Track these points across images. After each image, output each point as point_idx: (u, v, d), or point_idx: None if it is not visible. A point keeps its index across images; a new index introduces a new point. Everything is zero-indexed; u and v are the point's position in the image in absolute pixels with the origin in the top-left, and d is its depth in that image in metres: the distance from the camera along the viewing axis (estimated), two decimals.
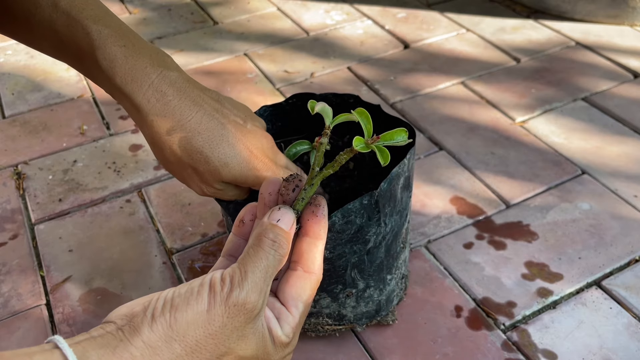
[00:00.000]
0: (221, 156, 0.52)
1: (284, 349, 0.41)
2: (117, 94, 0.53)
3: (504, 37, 1.28)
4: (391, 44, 1.28)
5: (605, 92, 1.10)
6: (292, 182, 0.43)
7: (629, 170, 0.93)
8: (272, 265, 0.39)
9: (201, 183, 0.54)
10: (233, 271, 0.38)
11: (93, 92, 1.17)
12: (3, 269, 0.82)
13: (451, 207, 0.88)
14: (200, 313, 0.36)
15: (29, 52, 1.30)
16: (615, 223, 0.84)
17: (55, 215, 0.90)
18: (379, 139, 0.42)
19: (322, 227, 0.42)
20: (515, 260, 0.80)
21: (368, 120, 0.43)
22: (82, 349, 0.34)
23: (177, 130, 0.51)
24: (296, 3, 1.46)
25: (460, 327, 0.72)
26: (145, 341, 0.35)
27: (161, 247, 0.84)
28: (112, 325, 0.36)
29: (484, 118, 1.05)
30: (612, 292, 0.75)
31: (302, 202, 0.43)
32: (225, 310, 0.37)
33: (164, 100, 0.51)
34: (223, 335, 0.37)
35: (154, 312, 0.36)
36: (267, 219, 0.41)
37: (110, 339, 0.35)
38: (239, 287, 0.37)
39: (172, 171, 0.55)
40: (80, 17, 0.50)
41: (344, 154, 0.42)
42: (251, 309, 0.37)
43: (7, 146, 1.04)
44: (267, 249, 0.39)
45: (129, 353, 0.34)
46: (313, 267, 0.42)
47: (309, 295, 0.42)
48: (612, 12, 1.29)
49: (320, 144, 0.44)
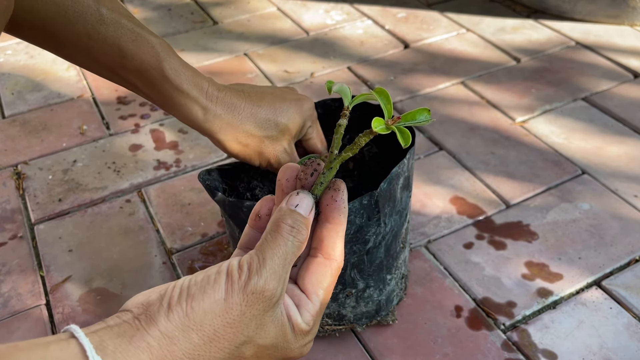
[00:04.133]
0: (283, 112, 0.62)
1: (304, 337, 0.40)
2: (179, 101, 0.58)
3: (504, 37, 1.28)
4: (391, 44, 1.28)
5: (605, 92, 1.10)
6: (310, 167, 0.42)
7: (629, 170, 0.93)
8: (291, 252, 0.38)
9: (276, 147, 0.62)
10: (251, 258, 0.37)
11: (93, 92, 1.17)
12: (3, 269, 0.82)
13: (451, 207, 0.88)
14: (218, 301, 0.36)
15: (29, 52, 1.30)
16: (616, 223, 0.84)
17: (55, 215, 0.90)
18: (400, 119, 0.40)
19: (342, 213, 0.41)
20: (515, 260, 0.80)
21: (388, 100, 0.40)
22: (98, 338, 0.33)
23: (242, 114, 0.60)
24: (296, 3, 1.45)
25: (460, 327, 0.72)
26: (162, 331, 0.35)
27: (161, 247, 0.84)
28: (129, 314, 0.36)
29: (484, 118, 1.05)
30: (612, 292, 0.75)
31: (321, 186, 0.41)
32: (244, 299, 0.36)
33: (220, 96, 0.60)
34: (242, 323, 0.36)
35: (170, 301, 0.36)
36: (285, 204, 0.40)
37: (126, 328, 0.35)
38: (257, 274, 0.36)
39: (247, 153, 0.62)
40: (144, 33, 0.56)
41: (363, 136, 0.41)
42: (270, 296, 0.37)
43: (7, 146, 1.04)
44: (285, 235, 0.38)
45: (146, 343, 0.34)
46: (334, 254, 0.41)
47: (330, 283, 0.41)
48: (612, 12, 1.29)
49: (339, 125, 0.42)
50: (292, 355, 0.40)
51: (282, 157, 0.62)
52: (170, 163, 0.99)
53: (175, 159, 0.99)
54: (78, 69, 1.24)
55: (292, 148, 0.64)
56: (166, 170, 0.97)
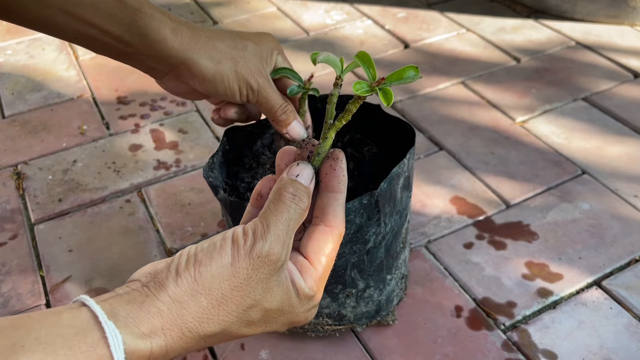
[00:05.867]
0: (247, 37, 0.61)
1: (308, 302, 0.41)
2: (144, 23, 0.55)
3: (504, 37, 1.28)
4: (391, 43, 1.28)
5: (606, 92, 1.10)
6: (305, 149, 0.44)
7: (629, 170, 0.93)
8: (294, 219, 0.39)
9: (251, 67, 0.60)
10: (255, 225, 0.38)
11: (93, 92, 1.17)
12: (3, 269, 0.82)
13: (451, 207, 0.88)
14: (225, 266, 0.37)
15: (29, 51, 1.30)
16: (616, 223, 0.84)
17: (55, 215, 0.90)
18: (385, 80, 0.40)
19: (341, 181, 0.42)
20: (515, 260, 0.80)
21: (370, 63, 0.41)
22: (109, 306, 0.34)
23: (209, 35, 0.58)
24: (296, 3, 1.45)
25: (460, 327, 0.72)
26: (171, 295, 0.36)
27: (161, 247, 0.84)
28: (137, 282, 0.37)
29: (484, 118, 1.05)
30: (612, 292, 0.75)
31: (319, 157, 0.42)
32: (250, 263, 0.37)
33: (183, 21, 0.58)
34: (248, 287, 0.37)
35: (178, 267, 0.37)
36: (286, 174, 0.41)
37: (136, 295, 0.36)
38: (262, 239, 0.37)
39: (224, 73, 0.59)
40: None
41: (353, 103, 0.41)
42: (275, 260, 0.38)
43: (7, 146, 1.04)
44: (287, 202, 0.40)
45: (156, 307, 0.35)
46: (335, 221, 0.42)
47: (332, 249, 0.42)
48: (612, 12, 1.29)
49: (331, 95, 0.43)
50: (297, 319, 0.42)
51: (260, 81, 0.59)
52: (170, 163, 0.99)
53: (175, 159, 0.99)
54: (78, 69, 1.24)
55: (268, 74, 0.61)
56: (166, 170, 0.97)
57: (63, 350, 0.32)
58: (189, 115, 1.09)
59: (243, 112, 0.64)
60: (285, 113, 0.61)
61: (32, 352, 0.31)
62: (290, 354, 0.70)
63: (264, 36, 0.62)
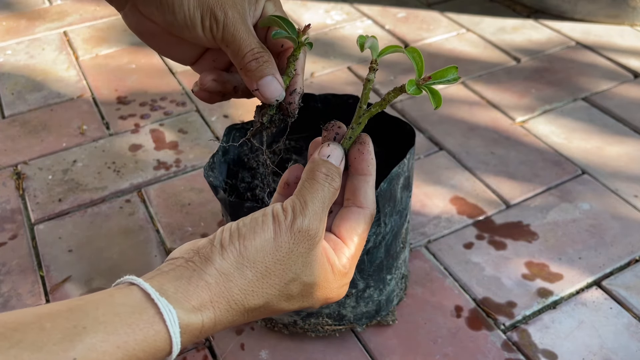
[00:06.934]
0: None
1: (342, 279, 0.43)
2: None
3: (504, 37, 1.28)
4: (391, 43, 1.28)
5: (606, 92, 1.10)
6: (331, 130, 0.45)
7: (629, 170, 0.93)
8: (328, 197, 0.41)
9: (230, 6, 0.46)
10: (293, 202, 0.40)
11: (93, 92, 1.17)
12: (3, 269, 0.82)
13: (451, 207, 0.88)
14: (268, 240, 0.38)
15: (29, 52, 1.30)
16: (616, 223, 0.84)
17: (54, 215, 0.90)
18: (431, 78, 0.42)
19: (370, 164, 0.44)
20: (515, 260, 0.80)
21: (420, 59, 0.42)
22: (158, 283, 0.35)
23: None
24: (296, 3, 1.45)
25: (460, 327, 0.72)
26: (217, 269, 0.37)
27: (161, 247, 0.84)
28: (180, 259, 0.38)
29: (484, 118, 1.05)
30: (612, 292, 0.75)
31: (349, 140, 0.44)
32: (291, 237, 0.38)
33: None
34: (290, 260, 0.39)
35: (222, 241, 0.38)
36: (317, 155, 0.43)
37: (182, 271, 0.36)
38: (301, 214, 0.39)
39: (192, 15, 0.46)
40: None
41: (392, 93, 0.42)
42: (313, 235, 0.39)
43: (7, 146, 1.04)
44: (321, 181, 0.41)
45: (204, 281, 0.36)
46: (366, 202, 0.43)
47: (364, 229, 0.43)
48: (612, 12, 1.29)
49: (368, 80, 0.43)
50: (331, 295, 0.43)
51: (230, 13, 0.46)
52: (170, 163, 0.99)
53: (175, 159, 0.99)
54: (78, 69, 1.24)
55: (245, 12, 0.47)
56: (166, 170, 0.97)
57: (123, 329, 0.33)
58: (189, 115, 1.09)
59: (225, 82, 0.50)
60: (257, 60, 0.46)
61: (94, 332, 0.32)
62: (290, 354, 0.70)
63: None
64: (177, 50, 0.50)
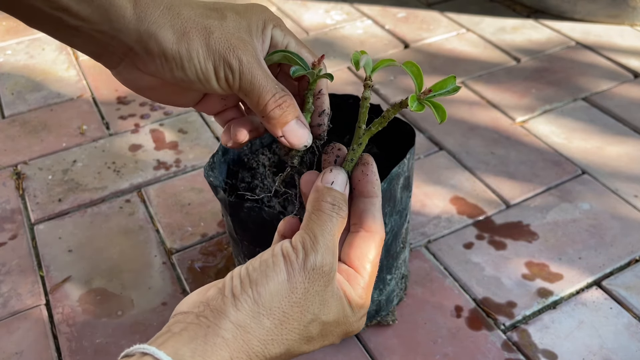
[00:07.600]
0: (229, 6, 0.44)
1: (360, 311, 0.41)
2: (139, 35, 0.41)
3: (504, 37, 1.28)
4: (391, 43, 1.28)
5: (606, 92, 1.10)
6: (331, 154, 0.43)
7: (629, 170, 0.93)
8: (337, 228, 0.39)
9: (228, 32, 0.42)
10: (302, 238, 0.38)
11: (93, 92, 1.17)
12: (3, 269, 0.82)
13: (451, 207, 0.88)
14: (282, 283, 0.36)
15: (29, 52, 1.30)
16: (616, 223, 0.84)
17: (54, 215, 0.90)
18: (431, 91, 0.39)
19: (375, 185, 0.42)
20: (515, 260, 0.80)
21: (419, 73, 0.40)
22: (172, 349, 0.33)
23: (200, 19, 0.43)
24: (296, 3, 1.45)
25: (460, 327, 0.72)
26: (233, 322, 0.34)
27: (161, 247, 0.84)
28: (190, 315, 0.35)
29: (484, 118, 1.05)
30: (612, 292, 0.75)
31: (351, 162, 0.42)
32: (305, 276, 0.36)
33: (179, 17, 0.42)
34: (307, 301, 0.37)
35: (234, 290, 0.36)
36: (320, 182, 0.41)
37: (196, 330, 0.34)
38: (313, 251, 0.37)
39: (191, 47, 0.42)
40: None
41: (392, 109, 0.41)
42: (328, 271, 0.37)
43: (7, 146, 1.04)
44: (328, 212, 0.39)
45: (221, 337, 0.34)
46: (375, 226, 0.41)
47: (375, 255, 0.41)
48: (612, 12, 1.29)
49: (364, 98, 0.41)
50: (351, 329, 0.41)
51: (244, 58, 0.42)
52: (170, 163, 0.99)
53: (175, 159, 0.99)
54: (78, 69, 1.24)
55: (258, 52, 0.44)
56: (166, 170, 0.97)
57: None
58: (189, 115, 1.09)
59: (258, 127, 0.47)
60: (281, 107, 0.43)
61: None
62: None
63: (252, 6, 0.46)
64: (179, 98, 0.47)
